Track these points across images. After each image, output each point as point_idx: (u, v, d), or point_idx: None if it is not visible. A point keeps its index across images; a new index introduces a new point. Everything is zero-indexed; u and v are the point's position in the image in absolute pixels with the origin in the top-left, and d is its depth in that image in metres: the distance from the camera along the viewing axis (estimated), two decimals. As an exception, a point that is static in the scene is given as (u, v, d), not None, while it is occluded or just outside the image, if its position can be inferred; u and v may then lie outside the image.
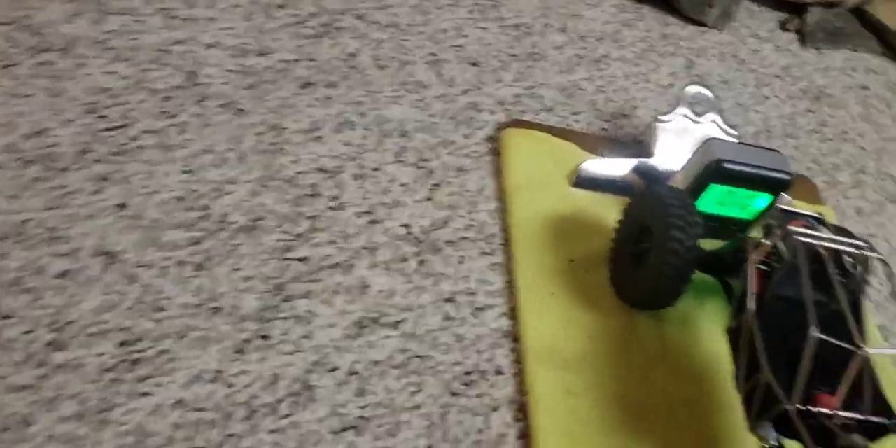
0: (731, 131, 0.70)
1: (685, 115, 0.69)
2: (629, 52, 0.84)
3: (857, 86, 0.95)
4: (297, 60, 0.67)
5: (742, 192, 0.59)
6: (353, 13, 0.75)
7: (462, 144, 0.67)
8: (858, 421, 0.47)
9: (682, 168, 0.61)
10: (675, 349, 0.58)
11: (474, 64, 0.74)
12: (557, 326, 0.57)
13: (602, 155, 0.68)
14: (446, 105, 0.69)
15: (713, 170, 0.58)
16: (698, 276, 0.57)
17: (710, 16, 0.93)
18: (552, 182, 0.66)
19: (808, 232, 0.54)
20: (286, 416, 0.48)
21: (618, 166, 0.67)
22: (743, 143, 0.64)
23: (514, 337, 0.56)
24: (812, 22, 0.99)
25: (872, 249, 0.53)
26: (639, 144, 0.70)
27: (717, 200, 0.60)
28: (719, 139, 0.63)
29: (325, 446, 0.47)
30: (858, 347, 0.46)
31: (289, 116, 0.63)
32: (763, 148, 0.64)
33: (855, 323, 0.48)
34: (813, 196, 0.75)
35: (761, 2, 1.01)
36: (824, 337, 0.47)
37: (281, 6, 0.73)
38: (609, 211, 0.63)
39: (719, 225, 0.60)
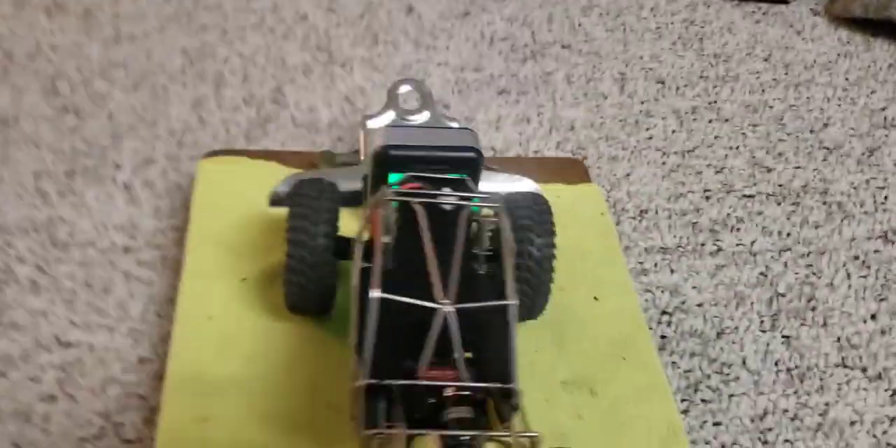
0: (453, 124, 0.65)
1: (397, 116, 0.65)
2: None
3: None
4: None
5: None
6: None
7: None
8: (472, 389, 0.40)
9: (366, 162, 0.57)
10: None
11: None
12: (208, 352, 0.52)
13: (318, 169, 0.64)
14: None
15: (382, 158, 0.53)
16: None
17: None
18: (245, 204, 0.62)
19: (405, 191, 0.48)
20: None
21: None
22: (424, 127, 0.60)
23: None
24: None
25: (496, 201, 0.48)
26: (355, 153, 0.67)
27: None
28: (392, 126, 0.59)
29: None
30: (439, 304, 0.40)
31: None
32: (449, 128, 0.60)
33: (441, 278, 0.41)
34: (579, 175, 0.68)
35: None
36: (387, 296, 0.41)
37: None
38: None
39: None
